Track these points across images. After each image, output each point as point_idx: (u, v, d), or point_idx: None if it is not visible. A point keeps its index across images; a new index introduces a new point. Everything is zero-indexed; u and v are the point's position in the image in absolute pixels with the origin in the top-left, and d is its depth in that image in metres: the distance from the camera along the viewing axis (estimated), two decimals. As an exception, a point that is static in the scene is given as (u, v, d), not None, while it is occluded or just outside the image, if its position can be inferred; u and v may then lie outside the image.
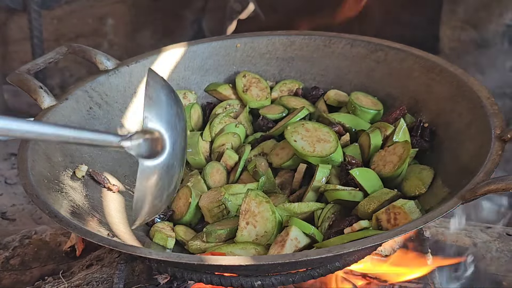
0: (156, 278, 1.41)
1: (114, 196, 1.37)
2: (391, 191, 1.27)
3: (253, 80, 1.63)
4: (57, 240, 1.62)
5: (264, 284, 1.15)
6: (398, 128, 1.38)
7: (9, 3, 2.52)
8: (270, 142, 1.49)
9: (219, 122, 1.56)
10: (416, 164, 1.37)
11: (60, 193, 1.24)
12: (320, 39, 1.62)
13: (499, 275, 1.44)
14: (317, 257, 1.02)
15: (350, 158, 1.34)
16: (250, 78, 1.63)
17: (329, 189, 1.29)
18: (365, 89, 1.56)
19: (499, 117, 1.24)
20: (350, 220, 1.24)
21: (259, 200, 1.25)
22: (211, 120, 1.57)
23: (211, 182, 1.44)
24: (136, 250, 1.07)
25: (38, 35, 2.48)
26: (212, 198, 1.34)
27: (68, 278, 1.47)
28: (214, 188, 1.39)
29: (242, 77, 1.63)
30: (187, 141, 1.19)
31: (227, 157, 1.46)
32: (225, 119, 1.57)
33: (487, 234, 1.53)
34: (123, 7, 2.81)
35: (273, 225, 1.23)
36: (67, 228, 1.10)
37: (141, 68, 1.56)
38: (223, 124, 1.56)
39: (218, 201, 1.32)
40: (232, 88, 1.64)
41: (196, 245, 1.27)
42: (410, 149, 1.31)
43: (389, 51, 1.54)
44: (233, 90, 1.64)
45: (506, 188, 1.05)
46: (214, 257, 1.06)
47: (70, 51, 1.52)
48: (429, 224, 1.09)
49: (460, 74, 1.39)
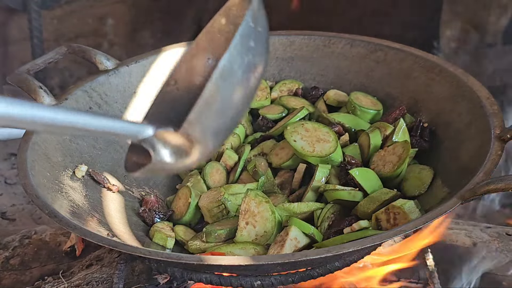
0: (156, 278, 1.41)
1: (114, 196, 1.37)
2: (391, 191, 1.27)
3: None
4: (57, 240, 1.62)
5: (264, 284, 1.15)
6: (397, 128, 1.38)
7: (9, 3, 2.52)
8: (270, 142, 1.49)
9: None
10: (416, 164, 1.37)
11: (60, 193, 1.24)
12: (320, 39, 1.62)
13: (499, 275, 1.43)
14: (316, 257, 1.02)
15: (349, 158, 1.34)
16: None
17: (329, 189, 1.29)
18: (364, 89, 1.56)
19: (498, 117, 1.24)
20: (349, 220, 1.24)
21: (258, 200, 1.25)
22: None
23: (210, 182, 1.43)
24: (136, 250, 1.07)
25: (38, 35, 2.48)
26: (212, 198, 1.34)
27: (68, 278, 1.47)
28: (214, 188, 1.39)
29: None
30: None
31: (226, 157, 1.46)
32: None
33: (487, 234, 1.53)
34: (123, 7, 2.80)
35: (273, 225, 1.23)
36: (67, 228, 1.10)
37: (141, 68, 1.56)
38: None
39: (217, 201, 1.32)
40: None
41: (196, 245, 1.27)
42: (410, 149, 1.31)
43: (388, 51, 1.54)
44: None
45: (505, 188, 1.05)
46: (213, 257, 1.06)
47: (70, 51, 1.52)
48: (428, 224, 1.09)
49: (459, 74, 1.39)
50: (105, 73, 1.52)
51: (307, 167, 1.38)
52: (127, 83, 1.54)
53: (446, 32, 2.51)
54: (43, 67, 1.48)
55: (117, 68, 1.53)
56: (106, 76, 1.52)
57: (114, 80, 1.53)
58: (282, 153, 1.43)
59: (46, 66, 1.48)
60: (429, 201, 1.24)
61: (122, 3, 2.80)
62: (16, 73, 1.42)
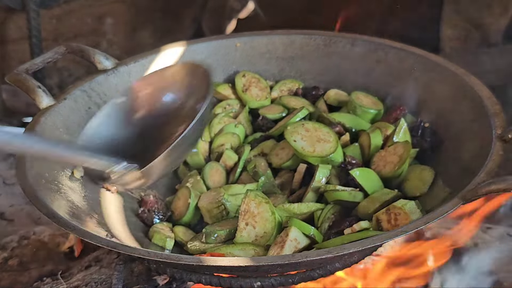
0: (155, 279, 1.40)
1: (113, 197, 1.36)
2: (392, 192, 1.27)
3: (252, 80, 1.62)
4: (56, 241, 1.62)
5: (264, 285, 1.14)
6: (398, 128, 1.37)
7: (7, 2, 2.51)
8: (270, 142, 1.48)
9: (218, 122, 1.55)
10: (417, 164, 1.36)
11: (59, 194, 1.23)
12: (320, 39, 1.62)
13: (500, 276, 1.43)
14: (317, 258, 1.02)
15: (350, 159, 1.34)
16: (249, 78, 1.62)
17: (329, 189, 1.29)
18: (365, 88, 1.55)
19: (500, 117, 1.23)
20: (350, 221, 1.24)
21: (258, 201, 1.25)
22: (210, 120, 1.56)
23: (210, 182, 1.43)
24: (135, 250, 1.07)
25: (36, 34, 2.47)
26: (212, 198, 1.33)
27: (66, 279, 1.46)
28: (214, 189, 1.39)
29: (242, 76, 1.62)
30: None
31: (226, 157, 1.46)
32: (224, 119, 1.56)
33: (488, 235, 1.53)
34: (122, 6, 2.80)
35: (273, 225, 1.23)
36: (66, 229, 1.10)
37: (140, 68, 1.56)
38: (222, 124, 1.55)
39: (217, 201, 1.31)
40: (232, 88, 1.63)
41: (195, 246, 1.27)
42: (411, 149, 1.31)
43: (389, 51, 1.53)
44: (232, 90, 1.63)
45: (507, 189, 1.04)
46: (213, 258, 1.05)
47: (68, 50, 1.51)
48: (429, 224, 1.09)
49: (461, 73, 1.38)
50: (104, 72, 1.51)
51: (307, 167, 1.38)
52: (126, 83, 1.53)
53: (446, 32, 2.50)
54: (42, 67, 1.47)
55: (116, 68, 1.53)
56: (105, 75, 1.51)
57: (113, 80, 1.52)
58: (282, 153, 1.42)
59: (44, 65, 1.48)
60: (430, 201, 1.23)
61: (121, 3, 2.79)
62: (14, 72, 1.41)
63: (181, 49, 1.62)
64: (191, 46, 1.63)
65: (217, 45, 1.65)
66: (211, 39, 1.67)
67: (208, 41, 1.65)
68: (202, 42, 1.65)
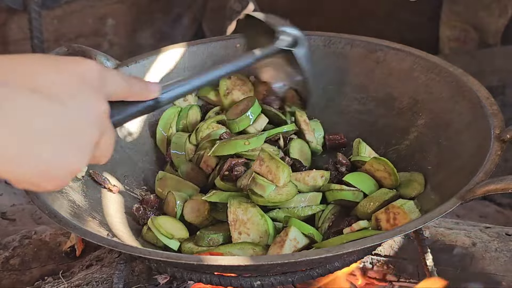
0: (156, 278, 1.41)
1: (114, 196, 1.37)
2: (391, 191, 1.28)
3: (237, 82, 1.55)
4: (57, 240, 1.62)
5: (264, 284, 1.15)
6: (360, 150, 1.38)
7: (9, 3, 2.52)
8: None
9: (206, 127, 1.47)
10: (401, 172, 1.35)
11: (60, 193, 1.24)
12: (320, 39, 1.61)
13: (499, 275, 1.43)
14: (316, 257, 1.02)
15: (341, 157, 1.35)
16: (235, 80, 1.54)
17: (334, 189, 1.29)
18: (365, 88, 1.55)
19: (498, 117, 1.24)
20: (349, 221, 1.24)
21: (244, 207, 1.23)
22: (199, 125, 1.49)
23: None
24: (136, 250, 1.07)
25: (38, 35, 2.48)
26: (197, 212, 1.31)
27: (68, 278, 1.47)
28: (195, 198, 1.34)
29: (228, 78, 1.54)
30: None
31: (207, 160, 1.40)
32: (213, 124, 1.48)
33: (486, 234, 1.53)
34: (123, 7, 2.80)
35: (266, 228, 1.22)
36: (67, 228, 1.10)
37: (141, 69, 1.56)
38: (210, 129, 1.47)
39: (204, 215, 1.30)
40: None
41: (189, 248, 1.26)
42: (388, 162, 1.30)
43: (388, 51, 1.54)
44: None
45: (505, 188, 1.05)
46: (213, 257, 1.06)
47: (70, 51, 1.52)
48: (428, 224, 1.09)
49: (459, 74, 1.39)
50: (105, 73, 1.51)
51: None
52: (127, 83, 1.54)
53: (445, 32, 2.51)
54: (43, 67, 1.48)
55: (117, 68, 1.53)
56: (106, 76, 1.51)
57: (114, 80, 1.52)
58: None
59: (46, 66, 1.48)
60: (429, 201, 1.24)
61: (122, 3, 2.79)
62: (16, 73, 1.42)
63: (181, 50, 1.62)
64: (191, 47, 1.63)
65: (217, 46, 1.64)
66: (211, 40, 1.67)
67: (208, 42, 1.65)
68: (202, 43, 1.65)
